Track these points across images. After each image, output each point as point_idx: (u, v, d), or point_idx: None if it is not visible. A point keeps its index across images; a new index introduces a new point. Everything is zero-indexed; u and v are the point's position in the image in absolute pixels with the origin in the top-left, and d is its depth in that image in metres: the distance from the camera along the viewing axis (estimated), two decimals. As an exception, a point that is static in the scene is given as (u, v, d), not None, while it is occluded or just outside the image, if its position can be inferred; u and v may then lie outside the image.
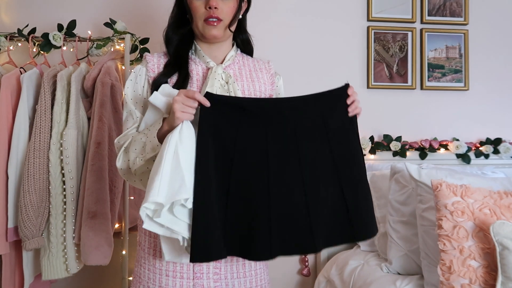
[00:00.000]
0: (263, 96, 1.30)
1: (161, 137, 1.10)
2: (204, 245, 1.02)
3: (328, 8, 2.35)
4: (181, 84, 1.20)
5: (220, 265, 1.20)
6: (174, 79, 1.22)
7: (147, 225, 1.02)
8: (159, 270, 1.20)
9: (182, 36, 1.27)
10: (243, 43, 1.35)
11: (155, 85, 1.20)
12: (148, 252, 1.23)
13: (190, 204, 1.03)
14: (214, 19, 1.19)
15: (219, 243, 1.05)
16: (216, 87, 1.20)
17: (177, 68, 1.22)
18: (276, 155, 1.11)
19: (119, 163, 1.18)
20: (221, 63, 1.26)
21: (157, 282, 1.20)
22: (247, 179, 1.09)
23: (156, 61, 1.26)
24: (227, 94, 1.21)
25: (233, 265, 1.22)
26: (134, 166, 1.14)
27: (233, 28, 1.24)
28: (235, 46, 1.32)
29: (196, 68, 1.25)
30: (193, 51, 1.28)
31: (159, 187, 0.98)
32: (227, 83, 1.22)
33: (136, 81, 1.24)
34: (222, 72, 1.23)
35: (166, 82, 1.20)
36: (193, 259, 1.01)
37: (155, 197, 0.97)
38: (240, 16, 1.28)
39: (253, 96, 1.28)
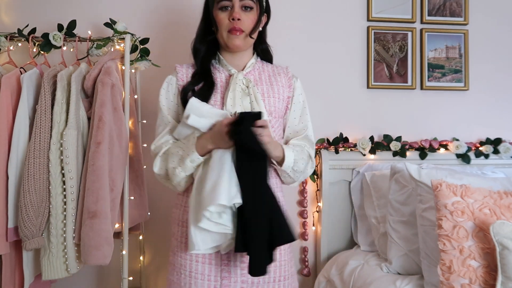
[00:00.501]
0: (281, 97, 1.44)
1: (206, 152, 1.29)
2: (243, 241, 1.21)
3: (328, 8, 2.35)
4: (207, 91, 1.37)
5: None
6: (200, 86, 1.38)
7: (206, 225, 1.20)
8: (190, 257, 1.34)
9: (207, 47, 1.43)
10: (263, 53, 1.52)
11: (184, 92, 1.37)
12: (181, 241, 1.37)
13: (234, 208, 1.23)
14: (237, 30, 1.34)
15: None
16: (238, 91, 1.36)
17: (203, 77, 1.39)
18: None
19: (156, 169, 1.37)
20: (242, 70, 1.42)
21: (188, 267, 1.34)
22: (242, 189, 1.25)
23: (184, 71, 1.44)
24: (248, 97, 1.36)
25: None
26: (175, 177, 1.32)
27: (254, 35, 1.40)
28: (255, 54, 1.48)
29: (219, 76, 1.41)
30: (217, 60, 1.44)
31: (223, 193, 1.18)
32: (247, 87, 1.37)
33: (168, 89, 1.43)
34: (243, 78, 1.39)
35: (194, 90, 1.36)
36: (236, 249, 1.21)
37: (222, 201, 1.17)
38: (260, 28, 1.44)
39: (271, 98, 1.42)
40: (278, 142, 1.39)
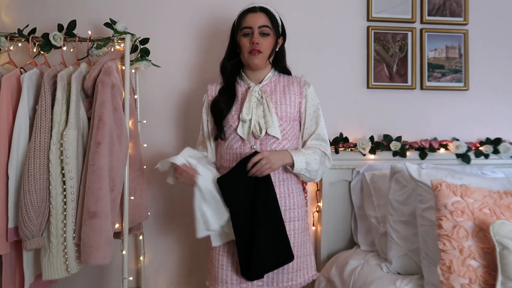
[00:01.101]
0: (292, 104, 1.71)
1: None
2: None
3: (328, 8, 2.35)
4: (229, 102, 1.69)
5: None
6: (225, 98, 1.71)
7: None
8: (217, 251, 1.69)
9: (232, 66, 1.74)
10: (281, 70, 1.79)
11: (212, 103, 1.73)
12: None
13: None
14: (256, 51, 1.65)
15: None
16: (253, 102, 1.66)
17: (227, 91, 1.71)
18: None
19: None
20: (260, 83, 1.72)
21: (217, 253, 1.68)
22: None
23: (214, 89, 1.78)
24: (261, 106, 1.66)
25: None
26: None
27: (271, 59, 1.73)
28: (273, 69, 1.76)
29: (240, 89, 1.73)
30: (239, 76, 1.76)
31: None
32: (262, 97, 1.67)
33: (204, 106, 1.80)
34: (259, 90, 1.68)
35: (220, 101, 1.70)
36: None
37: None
38: (277, 49, 1.74)
39: (283, 106, 1.69)
40: (286, 151, 1.62)
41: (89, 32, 1.97)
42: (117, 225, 1.81)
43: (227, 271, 1.64)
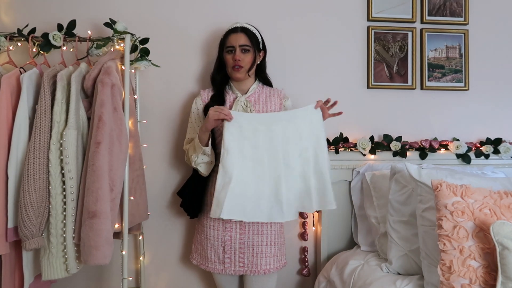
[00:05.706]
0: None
1: (204, 135, 1.79)
2: None
3: (328, 8, 2.35)
4: None
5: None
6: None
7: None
8: (207, 235, 1.93)
9: (221, 77, 1.98)
10: (263, 81, 2.03)
11: (205, 108, 1.92)
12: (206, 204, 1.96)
13: None
14: (238, 66, 1.88)
15: None
16: (239, 110, 1.89)
17: (217, 99, 1.93)
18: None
19: (186, 159, 1.96)
20: (246, 93, 1.96)
21: (205, 237, 1.93)
22: None
23: (206, 94, 2.01)
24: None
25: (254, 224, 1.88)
26: (193, 162, 1.85)
27: (250, 73, 1.95)
28: (257, 80, 2.00)
29: (229, 98, 1.97)
30: (228, 86, 1.99)
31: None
32: (246, 106, 1.92)
33: (195, 106, 2.00)
34: (244, 100, 1.93)
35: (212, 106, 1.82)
36: None
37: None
38: (259, 62, 1.97)
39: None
40: None
41: (89, 32, 1.97)
42: (117, 225, 1.81)
43: (215, 252, 1.89)
